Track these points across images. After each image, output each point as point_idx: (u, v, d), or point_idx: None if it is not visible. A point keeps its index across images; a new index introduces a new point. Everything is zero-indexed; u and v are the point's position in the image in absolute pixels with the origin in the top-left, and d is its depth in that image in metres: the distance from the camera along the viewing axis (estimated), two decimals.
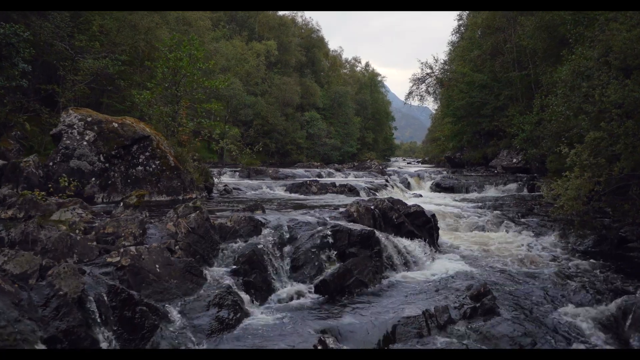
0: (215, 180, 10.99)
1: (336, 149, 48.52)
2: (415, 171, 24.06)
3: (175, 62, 9.53)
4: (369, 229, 6.41)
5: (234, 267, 5.05)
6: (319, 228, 6.10)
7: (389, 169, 29.17)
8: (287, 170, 20.63)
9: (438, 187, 17.91)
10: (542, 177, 17.04)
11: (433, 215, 8.11)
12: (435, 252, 7.55)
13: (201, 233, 5.20)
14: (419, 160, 65.58)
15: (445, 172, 23.81)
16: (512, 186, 16.75)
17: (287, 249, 5.77)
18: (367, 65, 74.14)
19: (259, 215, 6.33)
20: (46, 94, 16.04)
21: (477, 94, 26.29)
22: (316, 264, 5.63)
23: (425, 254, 7.07)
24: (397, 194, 14.13)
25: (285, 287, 5.28)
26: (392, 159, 75.14)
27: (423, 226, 7.87)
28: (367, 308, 5.06)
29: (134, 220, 4.87)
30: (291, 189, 12.18)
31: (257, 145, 14.67)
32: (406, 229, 7.54)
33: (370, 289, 5.70)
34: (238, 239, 5.57)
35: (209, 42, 28.47)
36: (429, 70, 33.12)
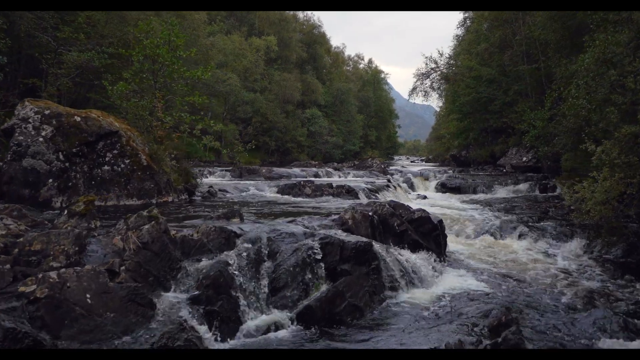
0: (199, 180, 9.99)
1: (338, 147, 47.38)
2: (419, 170, 22.96)
3: (151, 50, 8.55)
4: (365, 240, 5.40)
5: (196, 292, 4.05)
6: (306, 240, 5.10)
7: (391, 167, 28.07)
8: (282, 170, 19.57)
9: (444, 188, 16.85)
10: (555, 177, 15.98)
11: (440, 222, 7.09)
12: (443, 265, 6.54)
13: (156, 249, 4.21)
14: (423, 158, 64.52)
15: (451, 172, 22.71)
16: (523, 186, 15.68)
17: (265, 266, 4.77)
18: (370, 62, 72.69)
19: (234, 225, 5.33)
20: (27, 88, 15.12)
21: (484, 89, 25.12)
22: (300, 285, 4.63)
23: (431, 268, 6.06)
24: (400, 195, 13.10)
25: (260, 315, 4.28)
26: (396, 157, 74.01)
27: (429, 234, 6.85)
28: (363, 343, 4.06)
29: (69, 235, 3.89)
30: (283, 190, 11.17)
31: (249, 143, 13.65)
32: (410, 239, 6.52)
33: (367, 316, 4.70)
34: (205, 256, 4.58)
35: (205, 37, 27.43)
36: (433, 65, 31.88)
